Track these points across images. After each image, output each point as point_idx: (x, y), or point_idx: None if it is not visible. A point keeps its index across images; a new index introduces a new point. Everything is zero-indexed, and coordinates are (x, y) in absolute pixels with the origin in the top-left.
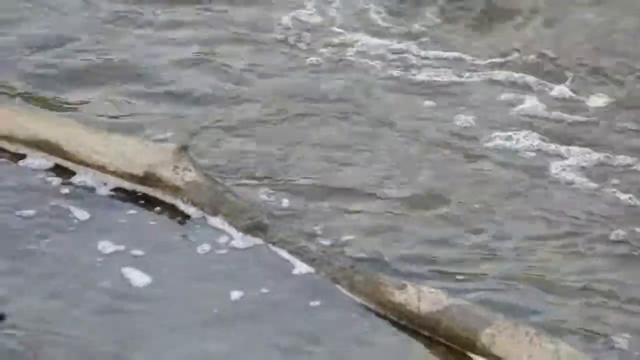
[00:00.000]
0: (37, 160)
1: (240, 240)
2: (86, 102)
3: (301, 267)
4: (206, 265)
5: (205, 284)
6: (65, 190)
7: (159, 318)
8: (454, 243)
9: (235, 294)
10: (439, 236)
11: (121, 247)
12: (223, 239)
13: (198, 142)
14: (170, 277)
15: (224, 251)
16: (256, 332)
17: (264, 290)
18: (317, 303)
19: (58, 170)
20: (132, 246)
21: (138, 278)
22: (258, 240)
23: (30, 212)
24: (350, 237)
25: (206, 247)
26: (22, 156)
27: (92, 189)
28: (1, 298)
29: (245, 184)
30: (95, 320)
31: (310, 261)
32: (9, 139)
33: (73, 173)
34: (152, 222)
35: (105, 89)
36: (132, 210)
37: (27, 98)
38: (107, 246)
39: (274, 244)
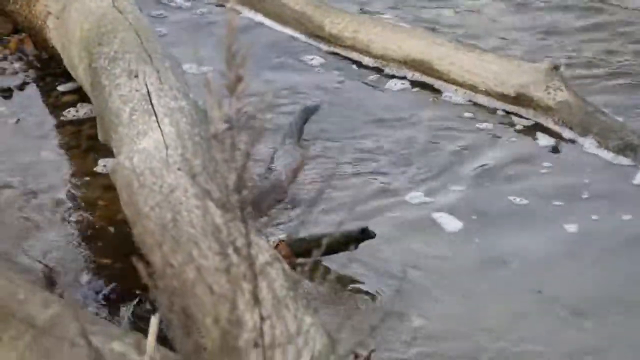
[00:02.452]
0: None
1: (610, 161)
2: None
3: None
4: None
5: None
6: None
7: None
8: None
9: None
10: None
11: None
12: (593, 160)
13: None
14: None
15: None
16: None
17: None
18: None
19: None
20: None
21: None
22: (628, 161)
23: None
24: None
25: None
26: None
27: (459, 106)
28: None
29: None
30: None
31: None
32: (384, 57)
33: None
34: (524, 142)
35: None
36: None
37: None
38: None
39: None
